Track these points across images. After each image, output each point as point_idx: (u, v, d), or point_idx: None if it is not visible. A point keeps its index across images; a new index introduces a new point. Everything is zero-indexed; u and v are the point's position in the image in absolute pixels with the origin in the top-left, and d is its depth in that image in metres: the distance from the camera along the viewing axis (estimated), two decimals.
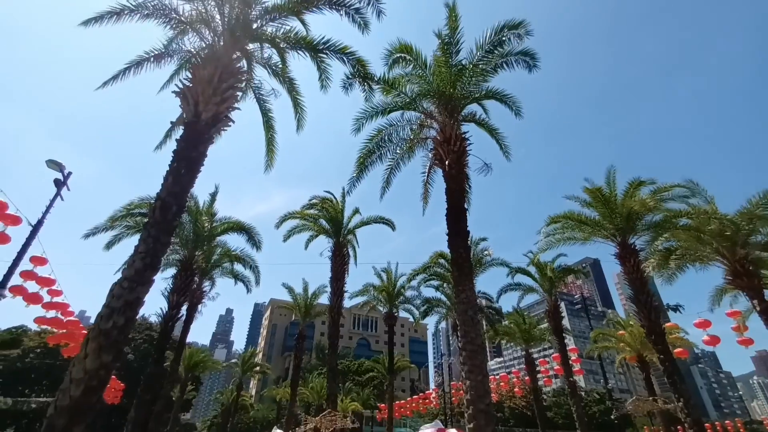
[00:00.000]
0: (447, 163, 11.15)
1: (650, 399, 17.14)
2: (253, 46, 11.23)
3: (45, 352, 37.41)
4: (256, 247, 18.98)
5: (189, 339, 22.88)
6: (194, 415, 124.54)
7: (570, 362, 23.44)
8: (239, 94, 9.95)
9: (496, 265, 23.57)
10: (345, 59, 11.09)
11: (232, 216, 19.22)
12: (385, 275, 28.43)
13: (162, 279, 19.15)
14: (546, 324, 25.73)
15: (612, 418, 19.85)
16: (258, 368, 49.64)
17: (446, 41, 11.50)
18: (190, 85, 8.78)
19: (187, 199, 7.98)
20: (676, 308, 20.18)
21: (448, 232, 10.56)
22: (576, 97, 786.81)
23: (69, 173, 12.58)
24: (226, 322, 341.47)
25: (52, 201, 12.29)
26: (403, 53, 11.92)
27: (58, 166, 12.29)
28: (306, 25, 11.25)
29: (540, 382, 29.47)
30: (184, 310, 17.29)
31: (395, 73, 12.46)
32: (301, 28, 11.11)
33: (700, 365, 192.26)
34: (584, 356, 40.11)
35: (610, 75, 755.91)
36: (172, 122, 9.71)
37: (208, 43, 10.00)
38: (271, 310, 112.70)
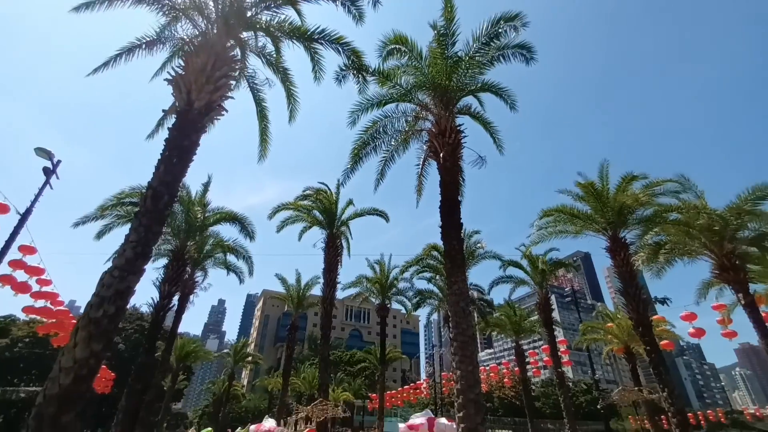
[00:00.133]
0: (441, 155, 11.16)
1: (636, 389, 17.53)
2: (247, 35, 11.06)
3: (34, 342, 37.12)
4: (250, 237, 18.91)
5: (181, 329, 22.86)
6: (186, 405, 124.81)
7: (559, 354, 23.84)
8: (233, 83, 9.81)
9: (488, 257, 23.75)
10: (340, 50, 10.97)
11: (224, 206, 19.10)
12: (378, 267, 28.54)
13: (153, 269, 19.05)
14: (536, 316, 26.08)
15: (598, 407, 20.28)
16: (250, 358, 49.81)
17: (442, 32, 11.42)
18: (183, 73, 8.64)
19: (179, 188, 7.89)
20: (664, 301, 20.59)
21: (441, 224, 10.60)
22: (572, 91, 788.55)
23: (58, 161, 12.37)
24: (218, 313, 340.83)
25: (41, 189, 12.10)
26: (398, 44, 11.83)
27: (47, 154, 12.08)
28: (301, 15, 11.12)
29: (529, 373, 29.94)
30: (175, 301, 17.22)
31: (390, 65, 12.38)
32: (296, 17, 10.99)
33: (685, 357, 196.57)
34: (573, 348, 40.75)
35: (606, 70, 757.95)
36: (164, 111, 9.58)
37: (201, 30, 9.82)
38: (263, 301, 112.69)
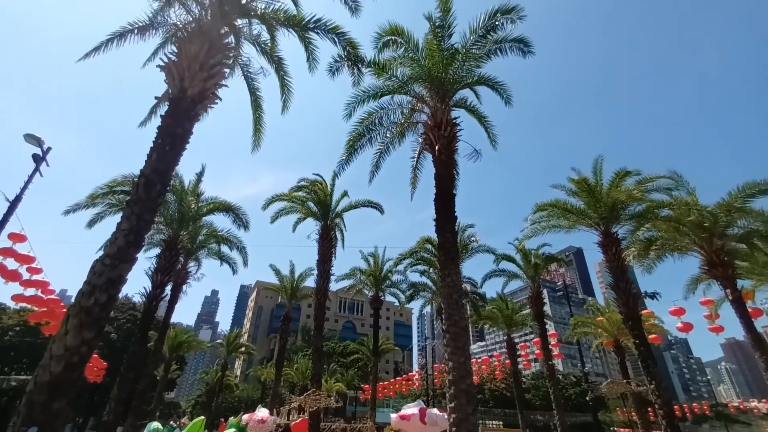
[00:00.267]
0: (437, 148, 11.14)
1: (624, 382, 17.84)
2: (241, 22, 10.91)
3: (25, 331, 36.82)
4: (244, 227, 18.79)
5: (173, 319, 22.81)
6: (179, 394, 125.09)
7: (550, 347, 24.13)
8: (227, 71, 9.70)
9: (482, 251, 23.88)
10: (336, 40, 10.86)
11: (218, 196, 18.95)
12: (372, 259, 28.62)
13: (146, 258, 18.94)
14: (528, 310, 26.34)
15: (587, 399, 20.63)
16: (243, 349, 49.87)
17: (438, 24, 11.36)
18: (176, 60, 8.51)
19: (171, 177, 7.82)
20: (654, 295, 20.85)
21: (435, 217, 10.62)
22: (569, 87, 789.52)
23: (48, 148, 12.18)
24: (211, 304, 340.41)
25: (31, 177, 11.92)
26: (394, 35, 11.72)
27: (37, 140, 11.88)
28: (297, 3, 10.97)
29: (520, 366, 30.33)
30: (168, 290, 17.14)
31: (386, 56, 12.28)
32: (291, 5, 10.84)
33: (672, 351, 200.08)
34: (564, 341, 41.31)
35: (603, 66, 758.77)
36: (157, 98, 9.45)
37: (195, 16, 9.66)
38: (257, 292, 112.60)
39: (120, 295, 6.91)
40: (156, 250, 17.73)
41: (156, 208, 7.09)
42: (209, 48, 8.59)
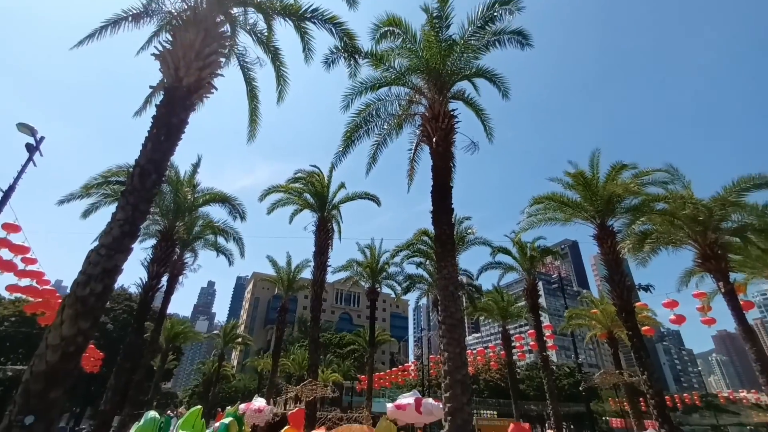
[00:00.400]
0: (434, 140, 11.11)
1: (617, 372, 18.09)
2: (237, 11, 10.76)
3: (20, 321, 36.76)
4: (240, 217, 18.73)
5: (170, 310, 22.82)
6: (175, 385, 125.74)
7: (544, 338, 24.37)
8: (222, 60, 9.57)
9: (478, 243, 23.98)
10: (333, 30, 10.75)
11: (214, 187, 18.86)
12: (368, 251, 28.66)
13: (141, 249, 18.84)
14: (523, 302, 26.54)
15: (580, 390, 20.94)
16: (240, 340, 50.07)
17: (435, 15, 11.28)
18: (171, 48, 8.39)
19: (167, 167, 7.76)
20: (647, 288, 21.07)
21: (432, 209, 10.63)
22: (567, 81, 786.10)
23: (41, 138, 12.05)
24: (207, 295, 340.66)
25: (24, 166, 11.80)
26: (392, 26, 11.63)
27: (30, 130, 11.74)
28: None
29: (514, 357, 30.68)
30: (164, 281, 17.13)
31: (384, 48, 12.19)
32: None
33: (664, 343, 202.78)
34: (558, 333, 41.77)
35: (602, 60, 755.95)
36: (152, 87, 9.34)
37: (190, 4, 9.51)
38: (253, 283, 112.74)
39: (116, 286, 6.90)
40: (152, 241, 17.70)
41: (151, 199, 7.04)
42: (204, 36, 8.47)
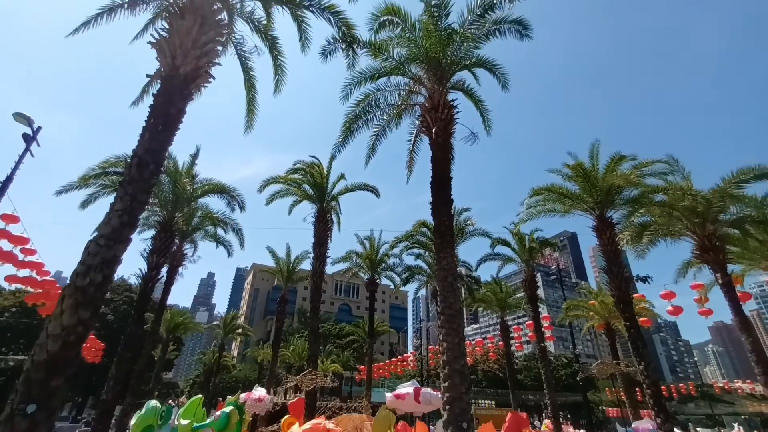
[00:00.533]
0: (434, 131, 11.04)
1: (614, 363, 18.25)
2: None
3: (21, 312, 36.94)
4: (240, 207, 18.69)
5: (170, 301, 22.88)
6: (176, 375, 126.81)
7: (542, 329, 24.55)
8: (219, 48, 9.46)
9: (477, 235, 24.01)
10: (331, 19, 10.61)
11: (213, 178, 18.78)
12: (368, 243, 28.71)
13: (141, 240, 18.82)
14: (522, 293, 26.68)
15: (577, 380, 21.15)
16: (240, 330, 50.35)
17: (434, 3, 11.16)
18: (167, 36, 8.28)
19: (165, 157, 7.70)
20: (645, 279, 21.13)
21: (431, 200, 10.60)
22: (569, 72, 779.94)
23: (38, 128, 11.98)
24: (207, 286, 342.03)
25: (21, 156, 11.74)
26: (390, 15, 11.49)
27: (27, 119, 11.67)
28: None
29: (512, 347, 30.91)
30: (164, 272, 17.15)
31: (382, 37, 12.06)
32: None
33: (661, 334, 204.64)
34: (556, 324, 42.06)
35: (603, 51, 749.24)
36: (149, 76, 9.24)
37: None
38: (253, 274, 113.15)
39: (116, 277, 6.91)
40: (151, 232, 17.68)
41: (150, 189, 7.01)
42: (201, 24, 8.35)
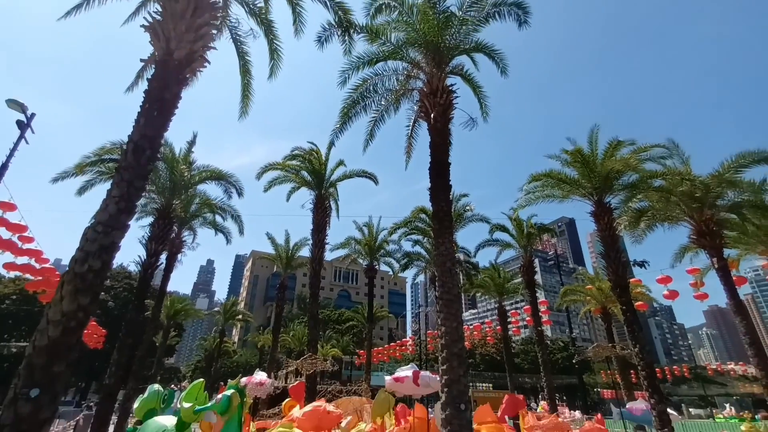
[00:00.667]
0: (432, 116, 10.96)
1: (609, 346, 18.53)
2: None
3: (22, 299, 37.15)
4: (238, 193, 18.59)
5: (170, 288, 22.98)
6: (178, 360, 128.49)
7: (540, 314, 24.83)
8: (215, 32, 9.28)
9: (476, 220, 24.07)
10: (327, 3, 10.42)
11: (210, 165, 18.64)
12: (366, 229, 28.81)
13: (139, 227, 18.78)
14: (519, 278, 26.87)
15: (574, 363, 21.51)
16: (240, 317, 50.85)
17: None
18: (161, 19, 8.11)
19: (161, 143, 7.62)
20: (642, 264, 21.31)
21: (430, 186, 10.58)
22: (569, 57, 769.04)
23: (32, 114, 11.84)
24: (207, 273, 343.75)
25: (16, 144, 11.63)
26: None
27: (20, 106, 11.52)
28: None
29: (510, 332, 31.32)
30: (163, 259, 17.16)
31: (380, 22, 11.89)
32: None
33: (657, 318, 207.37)
34: (554, 309, 42.53)
35: (602, 37, 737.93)
36: (143, 60, 9.07)
37: None
38: (252, 261, 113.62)
39: (115, 264, 6.95)
40: (149, 219, 17.62)
41: (146, 175, 6.95)
42: (196, 7, 8.17)
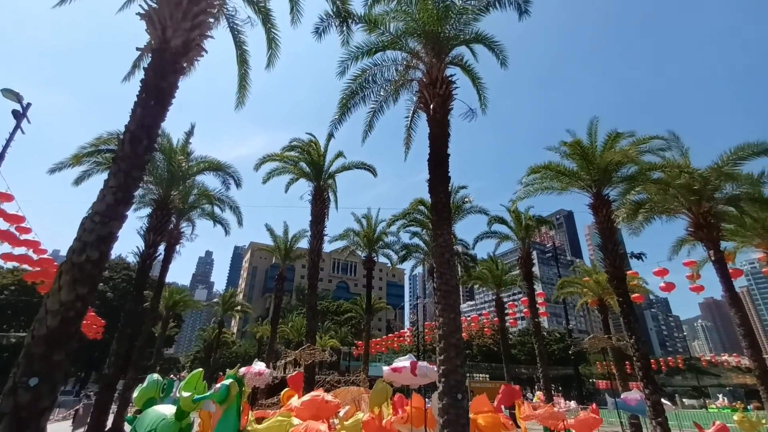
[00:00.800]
0: (431, 107, 10.90)
1: (605, 337, 18.69)
2: None
3: (20, 290, 37.20)
4: (236, 184, 18.54)
5: (169, 279, 22.99)
6: (177, 350, 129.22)
7: (537, 306, 24.99)
8: (211, 20, 9.16)
9: (474, 212, 24.07)
10: None
11: (208, 155, 18.55)
12: (365, 221, 28.81)
13: (137, 218, 18.75)
14: (517, 271, 26.98)
15: (570, 354, 21.72)
16: (239, 308, 51.00)
17: None
18: (156, 6, 8.00)
19: (158, 133, 7.57)
20: (640, 256, 21.44)
21: (429, 177, 10.55)
22: (570, 49, 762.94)
23: (28, 104, 11.73)
24: (205, 264, 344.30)
25: (12, 134, 11.55)
26: None
27: (16, 96, 11.42)
28: None
29: (507, 323, 31.54)
30: (161, 250, 17.15)
31: (378, 12, 11.73)
32: None
33: (653, 310, 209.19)
34: (551, 301, 42.79)
35: (604, 28, 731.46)
36: (139, 49, 8.96)
37: None
38: (251, 252, 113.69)
39: (114, 255, 6.93)
40: (147, 210, 17.58)
41: (143, 165, 6.92)
42: None
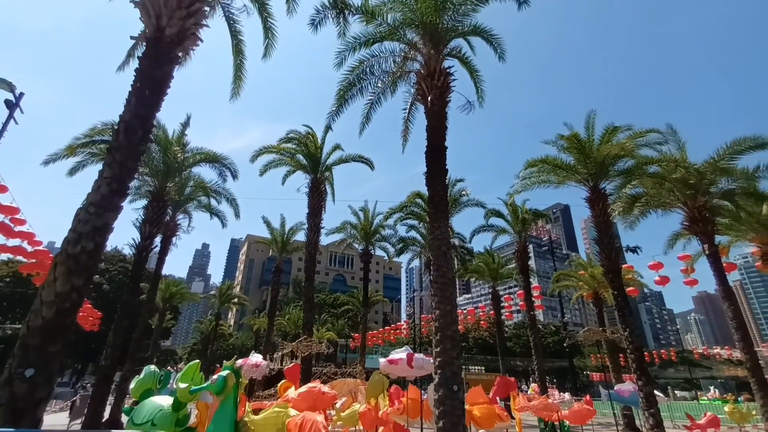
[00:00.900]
0: (429, 99, 10.83)
1: (600, 330, 18.86)
2: None
3: (16, 282, 37.04)
4: (232, 176, 18.42)
5: (165, 272, 22.94)
6: (174, 342, 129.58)
7: (533, 299, 25.14)
8: (207, 9, 9.04)
9: (471, 205, 24.11)
10: None
11: (204, 147, 18.39)
12: (362, 214, 28.77)
13: (133, 210, 18.62)
14: (513, 264, 27.11)
15: (564, 346, 21.92)
16: (236, 300, 51.01)
17: None
18: None
19: (153, 123, 7.49)
20: (635, 249, 21.59)
21: (426, 170, 10.53)
22: (568, 41, 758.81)
23: (21, 94, 11.56)
24: (202, 257, 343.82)
25: (5, 124, 11.40)
26: None
27: (9, 85, 11.23)
28: None
29: (503, 316, 31.74)
30: (158, 242, 17.09)
31: (375, 2, 11.62)
32: None
33: (647, 303, 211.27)
34: (546, 294, 43.11)
35: (602, 21, 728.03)
36: (133, 38, 8.84)
37: None
38: (248, 245, 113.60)
39: (110, 248, 6.90)
40: (143, 202, 17.48)
41: (138, 156, 6.85)
42: None
